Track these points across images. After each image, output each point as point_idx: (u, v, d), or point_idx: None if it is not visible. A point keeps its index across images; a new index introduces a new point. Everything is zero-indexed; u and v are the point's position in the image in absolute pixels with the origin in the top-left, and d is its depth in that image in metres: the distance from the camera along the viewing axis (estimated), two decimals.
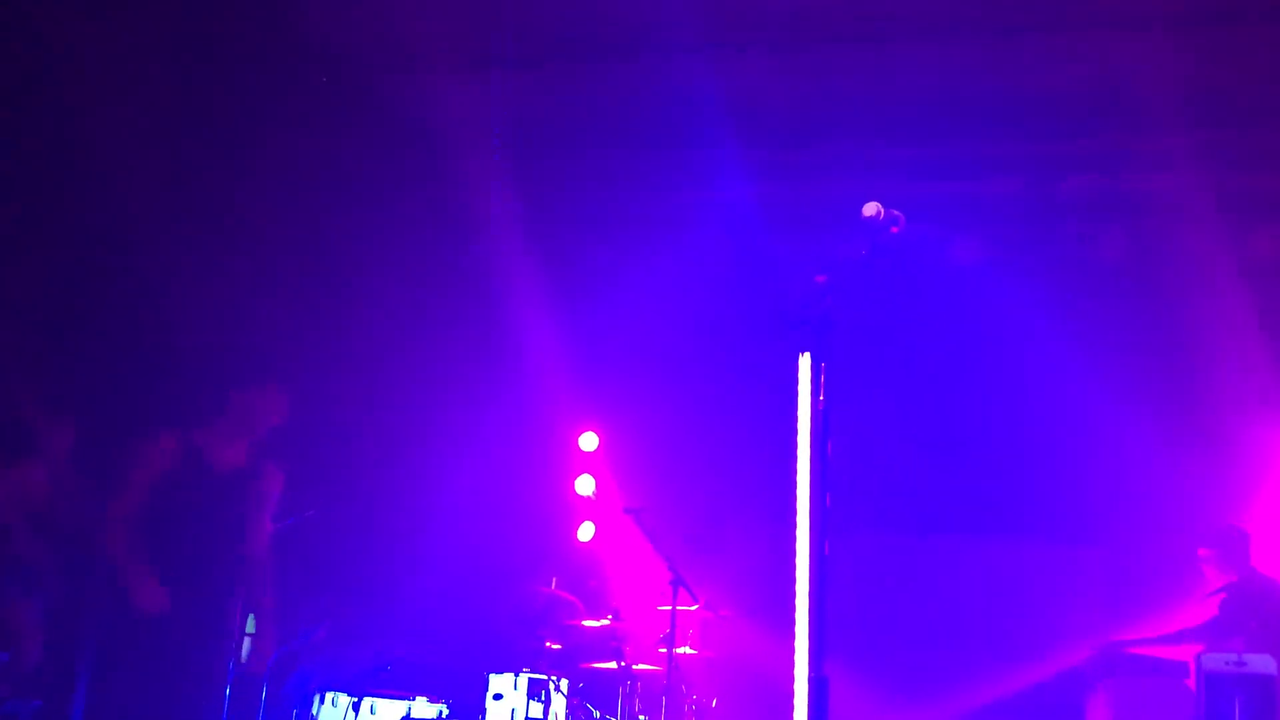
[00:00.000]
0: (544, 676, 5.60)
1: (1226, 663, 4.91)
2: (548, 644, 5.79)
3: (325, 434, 6.29)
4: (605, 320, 6.64)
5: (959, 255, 6.44)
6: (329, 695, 5.43)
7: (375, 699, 5.45)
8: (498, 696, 5.58)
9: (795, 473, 3.25)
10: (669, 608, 5.79)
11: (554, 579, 6.33)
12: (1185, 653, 5.73)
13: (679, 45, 5.63)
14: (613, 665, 5.77)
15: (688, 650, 6.03)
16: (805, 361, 3.28)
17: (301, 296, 6.32)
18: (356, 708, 5.40)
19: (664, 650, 5.78)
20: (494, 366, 6.97)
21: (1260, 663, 4.86)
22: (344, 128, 6.12)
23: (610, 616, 5.83)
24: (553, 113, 6.38)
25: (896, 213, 3.34)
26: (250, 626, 6.34)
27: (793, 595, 3.06)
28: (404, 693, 5.52)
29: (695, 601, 5.94)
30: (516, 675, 5.62)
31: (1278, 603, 5.59)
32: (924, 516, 6.67)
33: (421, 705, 5.58)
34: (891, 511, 6.64)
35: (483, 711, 5.60)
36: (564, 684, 5.60)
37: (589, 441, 7.05)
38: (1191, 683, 5.38)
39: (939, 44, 5.74)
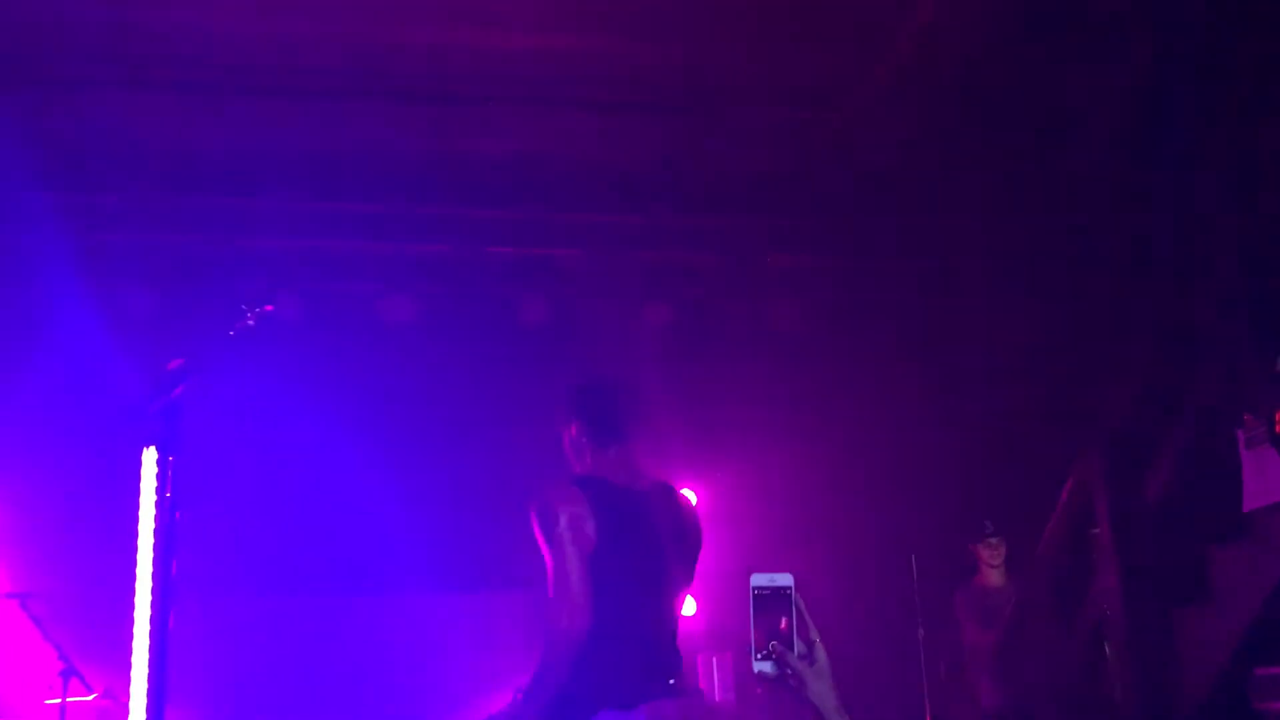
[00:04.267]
0: None
1: None
2: None
3: None
4: None
5: (389, 313, 6.47)
6: None
7: None
8: None
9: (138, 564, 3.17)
10: (58, 700, 5.28)
11: None
12: None
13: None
14: None
15: None
16: (150, 455, 3.15)
17: None
18: None
19: None
20: None
21: None
22: None
23: None
24: None
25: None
26: None
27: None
28: None
29: (91, 690, 5.47)
30: None
31: None
32: (298, 582, 6.53)
33: None
34: (266, 581, 6.45)
35: None
36: None
37: None
38: None
39: (364, 101, 5.73)
